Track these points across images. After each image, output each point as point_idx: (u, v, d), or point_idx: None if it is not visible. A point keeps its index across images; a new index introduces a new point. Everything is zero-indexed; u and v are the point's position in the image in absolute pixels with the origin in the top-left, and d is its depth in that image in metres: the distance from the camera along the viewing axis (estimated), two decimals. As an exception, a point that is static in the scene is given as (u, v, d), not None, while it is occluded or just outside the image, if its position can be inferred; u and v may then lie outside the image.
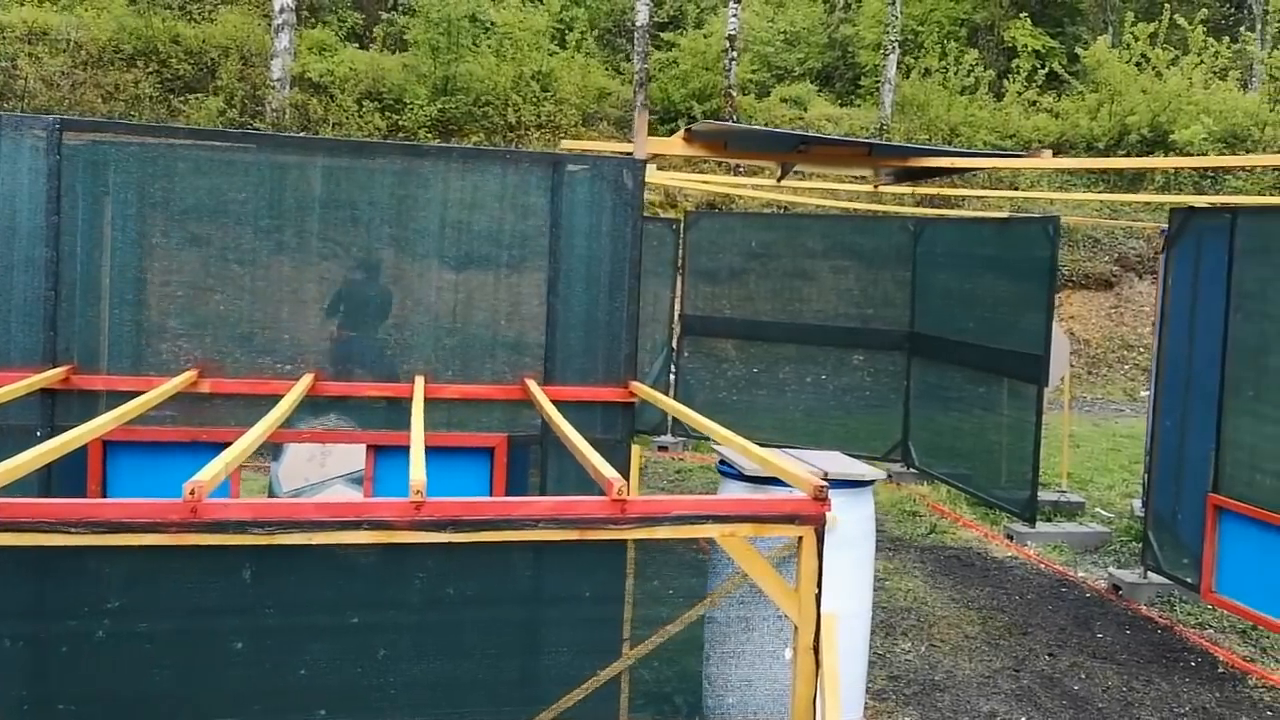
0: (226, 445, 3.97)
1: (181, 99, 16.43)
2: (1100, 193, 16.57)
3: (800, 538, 2.21)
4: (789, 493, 4.32)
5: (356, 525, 2.02)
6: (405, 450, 4.11)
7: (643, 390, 3.99)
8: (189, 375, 3.84)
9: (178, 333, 3.96)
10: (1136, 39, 19.44)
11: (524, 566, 2.45)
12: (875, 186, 6.61)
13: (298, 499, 5.14)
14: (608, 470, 2.29)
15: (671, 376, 10.47)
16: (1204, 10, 19.74)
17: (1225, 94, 18.99)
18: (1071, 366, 16.16)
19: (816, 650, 2.22)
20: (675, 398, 10.48)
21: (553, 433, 4.24)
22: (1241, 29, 21.24)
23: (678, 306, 10.42)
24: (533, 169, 4.09)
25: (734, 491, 4.43)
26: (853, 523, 4.37)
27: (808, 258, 10.02)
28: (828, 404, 10.10)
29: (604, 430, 4.21)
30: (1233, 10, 25.87)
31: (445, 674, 2.14)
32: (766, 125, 17.58)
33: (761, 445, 6.13)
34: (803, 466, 4.34)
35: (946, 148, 7.93)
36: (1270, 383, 5.64)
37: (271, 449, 6.53)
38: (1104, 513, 8.61)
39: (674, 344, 10.44)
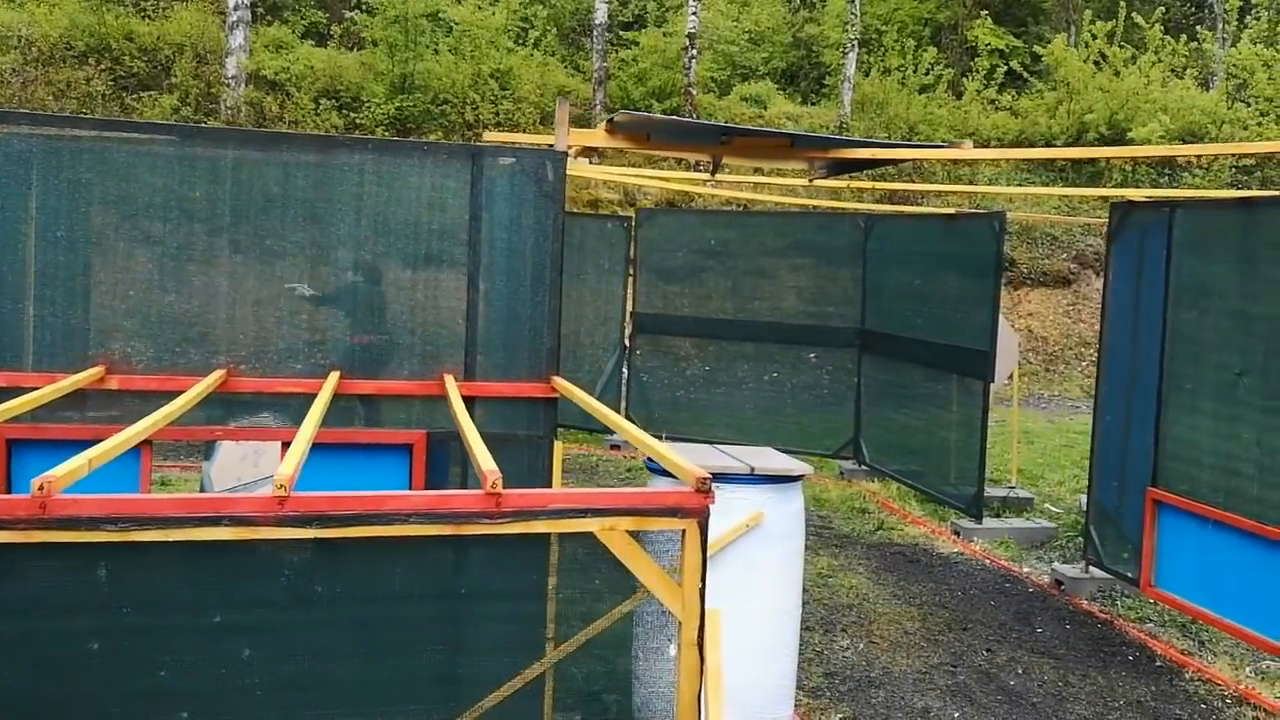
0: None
1: (135, 97, 16.21)
2: (1056, 187, 16.65)
3: (683, 531, 2.16)
4: (675, 485, 4.28)
5: (216, 521, 1.95)
6: (320, 449, 4.03)
7: (563, 386, 3.93)
8: (95, 371, 3.74)
9: (86, 328, 3.86)
10: (1095, 37, 19.57)
11: (438, 564, 2.37)
12: (810, 180, 6.58)
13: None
14: (486, 464, 2.23)
15: (624, 375, 10.41)
16: (1161, 9, 19.90)
17: (1183, 92, 19.15)
18: (1029, 363, 16.25)
19: (700, 646, 2.17)
20: (628, 396, 10.43)
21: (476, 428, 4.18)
22: (1200, 28, 21.44)
23: (630, 305, 10.36)
24: (451, 161, 4.02)
25: (660, 488, 4.37)
26: (781, 519, 4.33)
27: (761, 255, 9.99)
28: (783, 402, 10.08)
29: (526, 426, 4.15)
30: (1193, 9, 26.14)
31: (316, 676, 2.06)
32: (726, 123, 17.55)
33: (713, 444, 6.10)
34: (692, 460, 4.30)
35: (871, 139, 7.92)
36: (1207, 376, 5.65)
37: (205, 447, 6.43)
38: (1052, 508, 8.63)
39: (627, 342, 10.39)
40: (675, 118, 10.84)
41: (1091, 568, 6.51)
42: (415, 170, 3.99)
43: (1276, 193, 14.17)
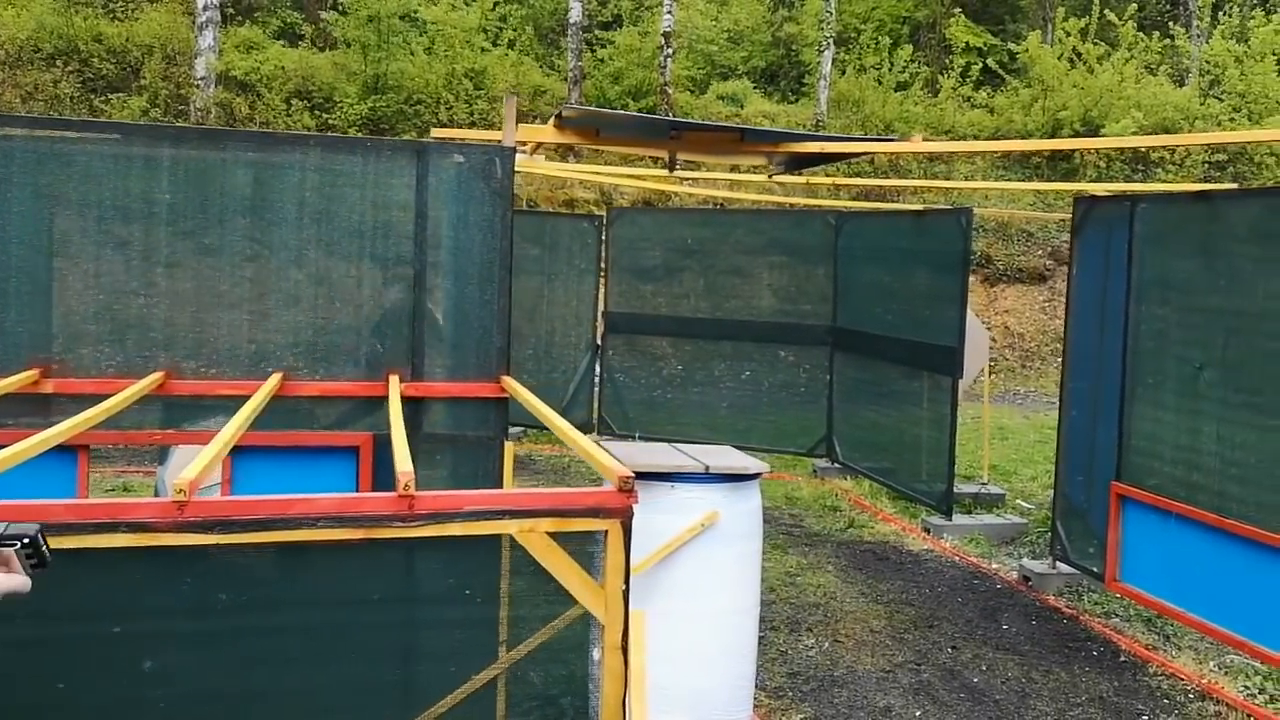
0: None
1: (103, 99, 16.06)
2: (1031, 183, 16.66)
3: (606, 531, 2.10)
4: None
5: (114, 528, 1.89)
6: (264, 451, 3.96)
7: (512, 386, 3.87)
8: (29, 375, 3.66)
9: (19, 330, 3.77)
10: (1068, 34, 19.62)
11: (390, 566, 2.29)
12: (769, 176, 6.54)
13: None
14: (401, 465, 2.17)
15: (596, 375, 10.35)
16: (1135, 6, 19.96)
17: (1156, 88, 19.22)
18: (1005, 360, 16.27)
19: (624, 649, 2.11)
20: (602, 397, 10.36)
21: (424, 430, 4.12)
22: (1174, 25, 21.51)
23: (602, 305, 10.30)
24: (396, 158, 3.95)
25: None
26: (737, 517, 4.28)
27: (734, 253, 9.94)
28: (757, 400, 10.03)
29: (475, 427, 4.09)
30: (1168, 6, 26.25)
31: (222, 687, 2.00)
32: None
33: (676, 443, 6.05)
34: (648, 459, 4.25)
35: (828, 134, 7.88)
36: (1169, 371, 5.63)
37: (159, 452, 6.33)
38: (1024, 504, 8.61)
39: (599, 342, 10.32)
40: (624, 112, 10.79)
41: (1058, 563, 6.49)
42: (359, 168, 3.92)
43: (1233, 186, 14.24)
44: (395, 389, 3.56)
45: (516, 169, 4.15)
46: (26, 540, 1.50)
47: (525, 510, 2.06)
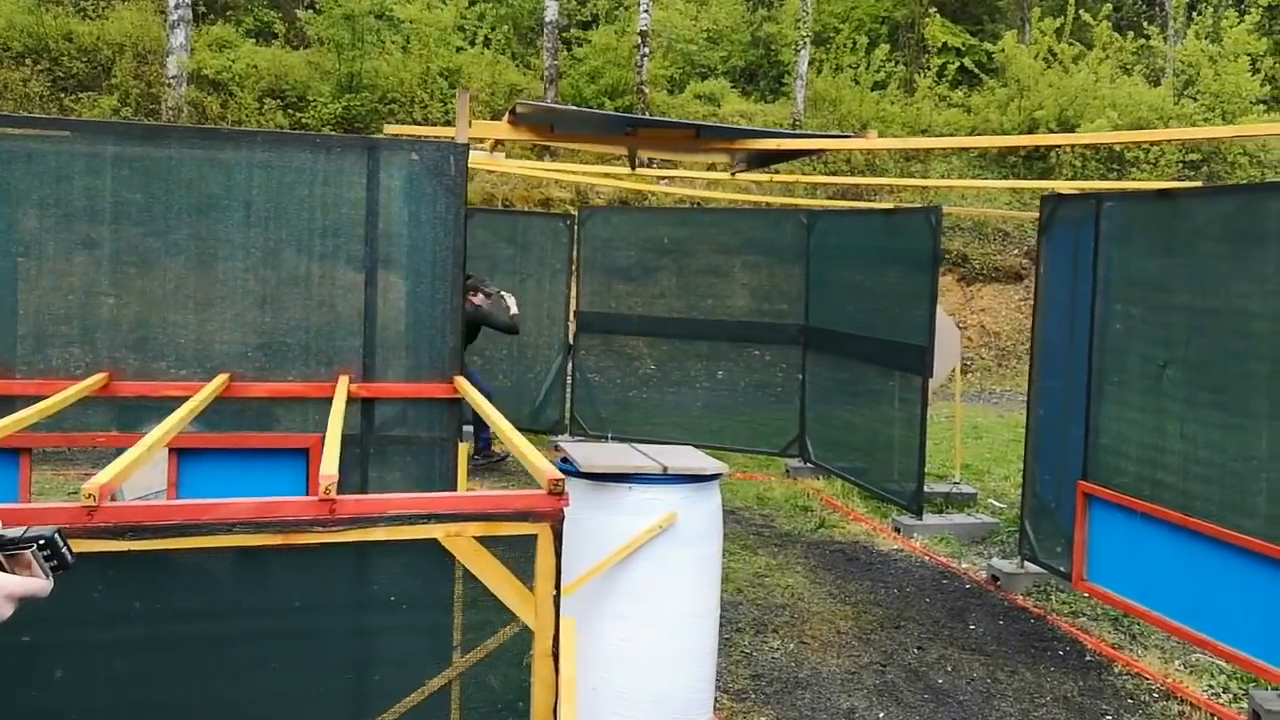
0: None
1: (74, 98, 15.89)
2: (1007, 181, 16.69)
3: (536, 535, 2.05)
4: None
5: (20, 534, 1.82)
6: (213, 454, 3.89)
7: (464, 386, 3.81)
8: (-33, 377, 3.58)
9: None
10: (1043, 34, 19.67)
11: (275, 575, 2.24)
12: (731, 174, 6.49)
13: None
14: (327, 467, 2.11)
15: (568, 376, 10.29)
16: (1109, 6, 20.03)
17: (1131, 88, 19.29)
18: (981, 359, 16.30)
19: (556, 656, 2.05)
20: (573, 397, 10.31)
21: (375, 431, 4.05)
22: (1148, 25, 21.61)
23: (574, 304, 10.24)
24: (346, 155, 3.89)
25: (572, 489, 4.25)
26: (695, 519, 4.22)
27: (706, 253, 9.91)
28: (730, 400, 10.00)
29: (428, 428, 4.03)
30: (1144, 6, 26.39)
31: (138, 698, 1.93)
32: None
33: (645, 445, 5.99)
34: (608, 460, 4.20)
35: (779, 130, 7.84)
36: (1133, 369, 5.62)
37: (115, 456, 6.23)
38: (996, 503, 8.60)
39: (570, 342, 10.27)
40: (578, 108, 10.73)
41: (1027, 563, 6.47)
42: (308, 164, 3.85)
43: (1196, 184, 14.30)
44: (342, 389, 3.50)
45: (491, 169, 4.09)
46: (44, 541, 1.47)
47: (452, 514, 2.00)
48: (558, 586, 2.07)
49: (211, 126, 12.33)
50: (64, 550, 1.48)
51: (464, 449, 4.04)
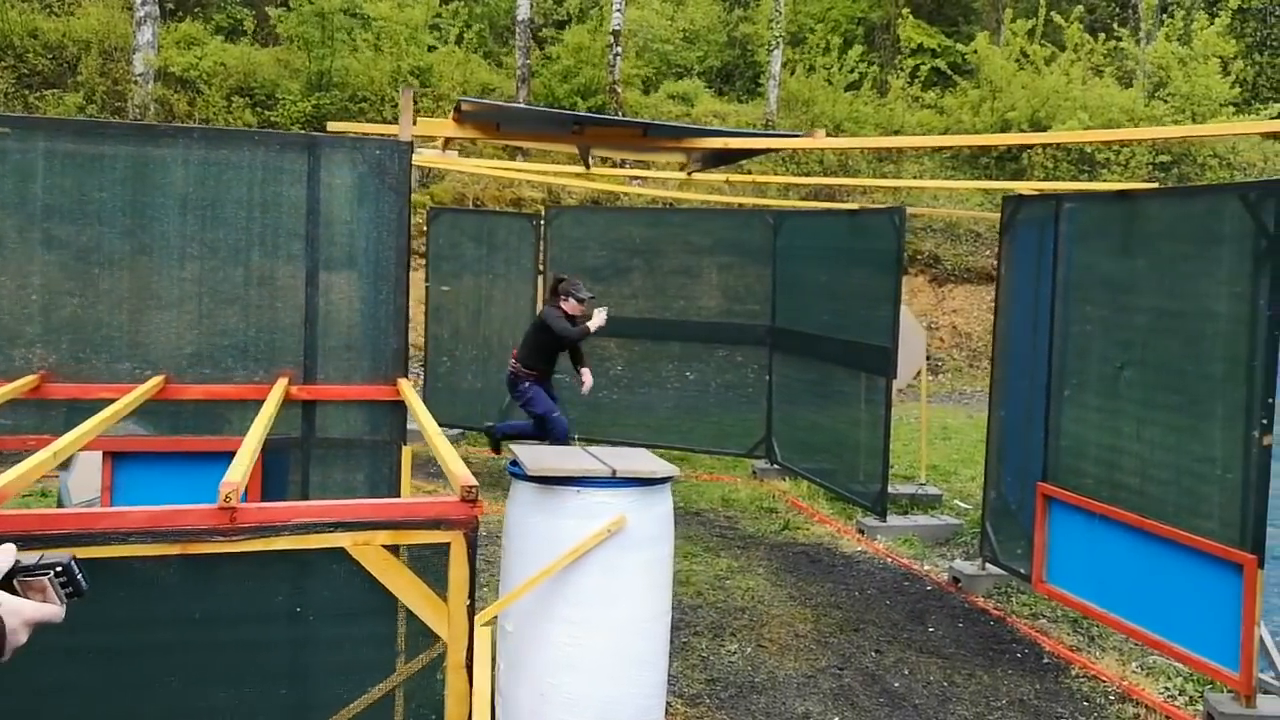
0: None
1: (39, 95, 15.69)
2: (979, 181, 16.72)
3: (449, 544, 1.99)
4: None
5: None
6: (149, 457, 3.80)
7: (405, 388, 3.74)
8: (-109, 380, 3.48)
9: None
10: (1015, 35, 19.74)
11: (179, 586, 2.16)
12: (688, 174, 6.44)
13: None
14: (232, 474, 2.04)
15: (535, 375, 10.20)
16: (1080, 8, 20.11)
17: (1103, 90, 19.37)
18: (953, 359, 16.32)
19: (469, 668, 1.99)
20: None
21: (316, 434, 3.98)
22: (1118, 26, 21.70)
23: (539, 304, 10.16)
24: (285, 152, 3.81)
25: (520, 493, 4.21)
26: (644, 523, 4.17)
27: (672, 253, 9.86)
28: (698, 402, 9.96)
29: (371, 431, 3.96)
30: (1118, 9, 26.54)
31: (30, 714, 1.86)
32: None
33: (616, 446, 5.90)
34: (557, 463, 4.14)
35: (726, 129, 7.80)
36: (1091, 370, 5.61)
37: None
38: (962, 504, 8.59)
39: (538, 342, 10.18)
40: (524, 105, 10.67)
41: (988, 564, 6.45)
42: (246, 162, 3.77)
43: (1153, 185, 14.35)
44: (276, 392, 3.42)
45: (460, 170, 4.02)
46: (60, 569, 1.50)
47: (359, 522, 1.94)
48: (471, 596, 2.00)
49: (148, 122, 12.09)
50: (79, 577, 1.51)
51: (407, 451, 3.97)
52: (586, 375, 8.31)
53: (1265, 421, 4.53)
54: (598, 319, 7.90)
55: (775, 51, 19.37)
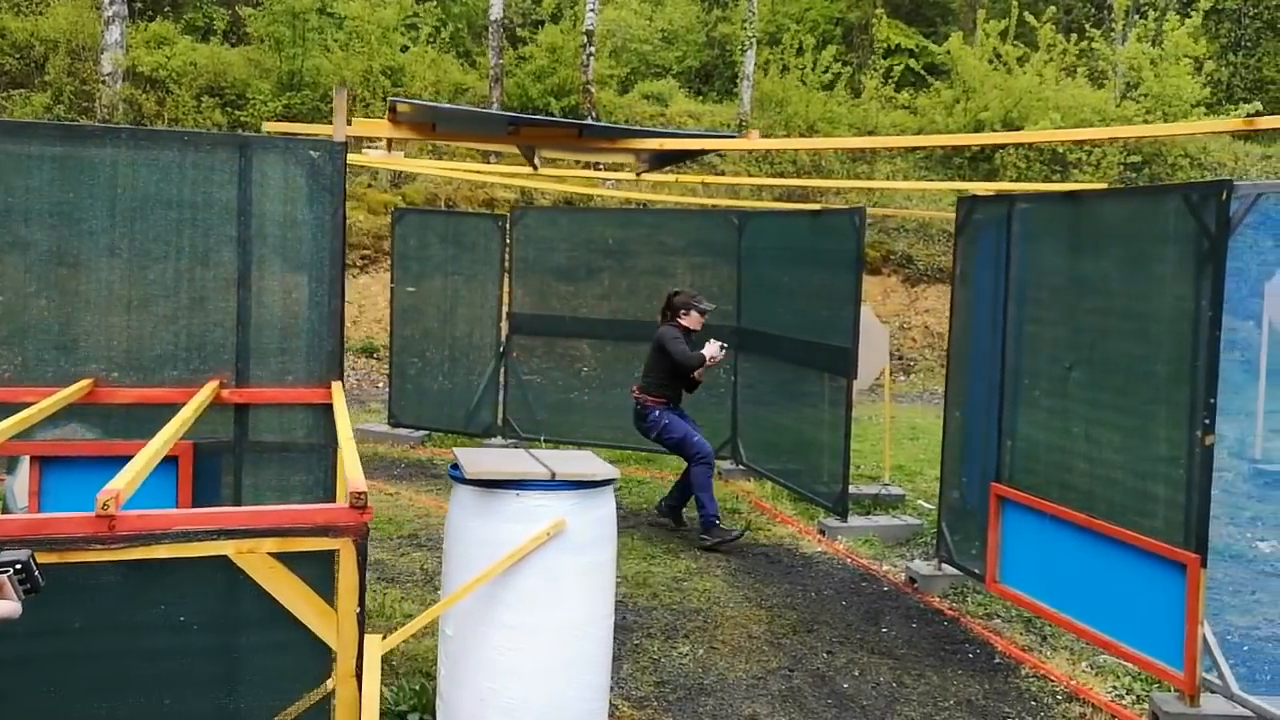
0: None
1: (5, 95, 15.55)
2: (952, 182, 16.78)
3: (337, 551, 1.96)
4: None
5: None
6: (79, 462, 3.76)
7: (336, 392, 3.71)
8: None
9: None
10: (988, 35, 19.80)
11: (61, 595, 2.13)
12: (637, 175, 6.43)
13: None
14: (117, 481, 2.01)
15: (501, 377, 10.19)
16: (1053, 8, 20.19)
17: (1075, 90, 19.45)
18: (925, 359, 16.36)
19: (359, 677, 1.97)
20: (506, 400, 10.20)
21: (249, 438, 3.94)
22: (1092, 28, 21.79)
23: (506, 305, 10.14)
24: (216, 152, 3.78)
25: (460, 496, 4.18)
26: (585, 526, 4.14)
27: (639, 253, 9.85)
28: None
29: (305, 434, 3.92)
30: (1093, 10, 26.67)
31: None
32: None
33: (583, 448, 5.83)
34: (499, 464, 4.11)
35: (662, 130, 7.80)
36: (1042, 371, 5.62)
37: (8, 462, 6.06)
38: (925, 505, 8.59)
39: (504, 343, 10.16)
40: (459, 106, 10.65)
41: (944, 564, 6.46)
42: (176, 162, 3.73)
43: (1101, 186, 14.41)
44: (200, 395, 3.38)
45: (412, 170, 3.98)
46: (19, 566, 1.51)
47: (243, 530, 1.91)
48: (361, 604, 1.98)
49: (77, 123, 11.93)
50: (37, 574, 1.53)
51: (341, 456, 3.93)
52: (713, 345, 7.50)
53: (1207, 421, 4.55)
54: (711, 350, 7.43)
55: (749, 52, 19.38)
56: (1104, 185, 16.36)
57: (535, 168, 5.64)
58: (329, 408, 3.90)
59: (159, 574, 1.95)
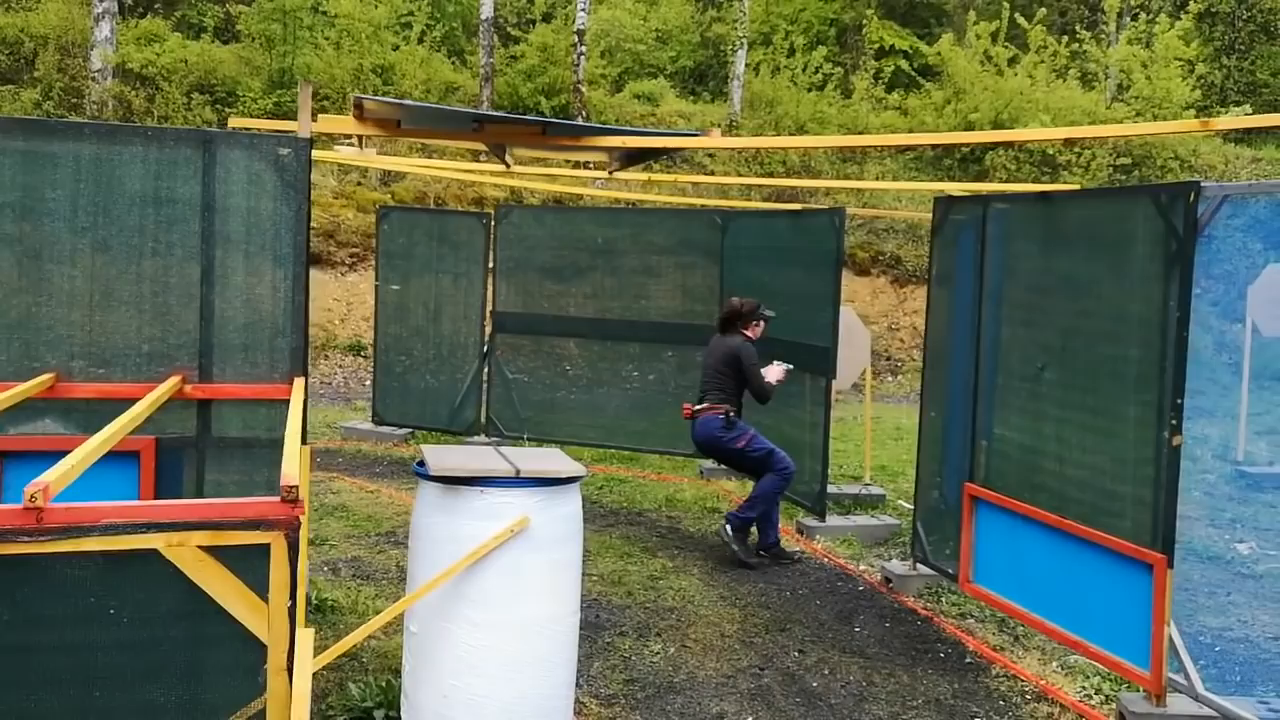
0: None
1: (-6, 91, 15.54)
2: (941, 183, 16.79)
3: (269, 544, 1.97)
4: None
5: None
6: (42, 456, 3.75)
7: (296, 389, 3.71)
8: None
9: None
10: (978, 37, 19.82)
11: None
12: (610, 173, 6.44)
13: None
14: (50, 474, 2.02)
15: (485, 375, 10.19)
16: (1042, 10, 20.21)
17: (1066, 92, 19.48)
18: (913, 360, 16.37)
19: (290, 670, 1.97)
20: (489, 398, 10.20)
21: (212, 434, 3.94)
22: (1084, 30, 21.82)
23: (490, 304, 10.14)
24: (180, 148, 3.78)
25: (425, 492, 4.18)
26: (549, 523, 4.14)
27: (623, 253, 9.85)
28: (649, 402, 9.93)
29: (269, 430, 3.92)
30: (1087, 11, 26.70)
31: None
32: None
33: (559, 445, 5.81)
34: (463, 461, 4.11)
35: (629, 128, 7.80)
36: (1014, 370, 5.63)
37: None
38: (905, 505, 8.60)
39: (487, 341, 10.17)
40: (425, 104, 10.66)
41: (919, 564, 6.47)
42: (140, 158, 3.74)
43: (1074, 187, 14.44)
44: (159, 390, 3.38)
45: (385, 167, 3.98)
46: None
47: (173, 523, 1.91)
48: (293, 597, 1.98)
49: (38, 118, 11.90)
50: None
51: (304, 451, 3.94)
52: (778, 369, 7.29)
53: (1174, 422, 4.56)
54: (779, 375, 7.25)
55: (740, 52, 19.39)
56: (1080, 187, 16.38)
57: (508, 165, 5.65)
58: (292, 403, 3.89)
59: (89, 567, 1.95)
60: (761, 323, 7.32)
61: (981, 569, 5.85)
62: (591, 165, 10.18)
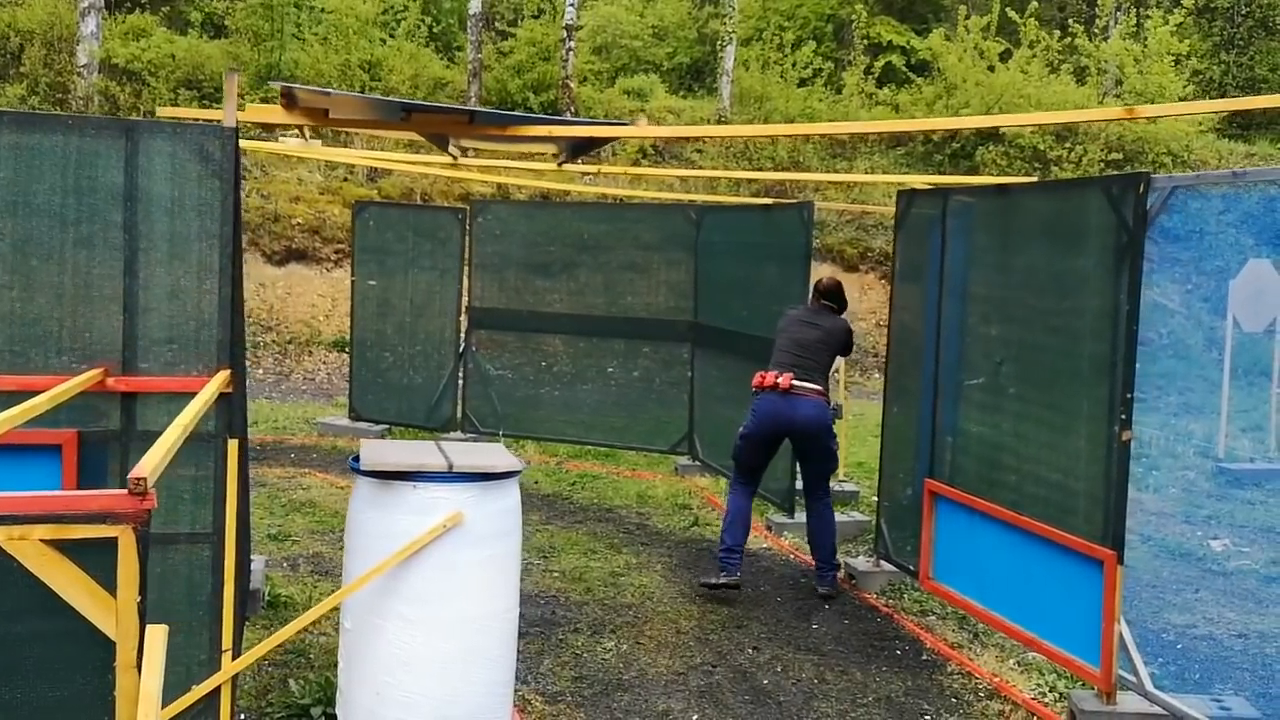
0: None
1: (-20, 86, 15.52)
2: (929, 177, 16.69)
3: (116, 539, 1.91)
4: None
5: None
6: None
7: (214, 381, 3.65)
8: None
9: None
10: (969, 31, 19.72)
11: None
12: (559, 164, 6.39)
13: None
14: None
15: (461, 371, 10.14)
16: (1035, 4, 20.10)
17: (1058, 87, 19.37)
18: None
19: (139, 668, 1.92)
20: (465, 394, 10.15)
21: (137, 428, 3.89)
22: (1073, 23, 21.67)
23: (465, 300, 10.09)
24: (101, 137, 3.72)
25: (359, 488, 4.13)
26: (485, 519, 4.08)
27: (599, 248, 9.79)
28: (625, 398, 9.89)
29: (196, 424, 3.85)
30: (1085, 6, 26.55)
31: None
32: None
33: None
34: (401, 456, 4.05)
35: (558, 118, 7.73)
36: (974, 365, 5.56)
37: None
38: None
39: (463, 337, 10.11)
40: (352, 94, 10.60)
41: (882, 561, 6.41)
42: (59, 147, 3.68)
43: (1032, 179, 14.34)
44: (73, 382, 3.33)
45: (321, 158, 3.92)
46: None
47: (13, 516, 1.86)
48: (143, 592, 1.93)
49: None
50: None
51: (232, 446, 3.88)
52: None
53: (1124, 417, 4.49)
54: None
55: (729, 47, 19.31)
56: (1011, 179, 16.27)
57: (454, 159, 5.60)
58: (221, 397, 3.84)
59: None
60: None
61: (941, 566, 5.79)
62: (536, 158, 10.11)
